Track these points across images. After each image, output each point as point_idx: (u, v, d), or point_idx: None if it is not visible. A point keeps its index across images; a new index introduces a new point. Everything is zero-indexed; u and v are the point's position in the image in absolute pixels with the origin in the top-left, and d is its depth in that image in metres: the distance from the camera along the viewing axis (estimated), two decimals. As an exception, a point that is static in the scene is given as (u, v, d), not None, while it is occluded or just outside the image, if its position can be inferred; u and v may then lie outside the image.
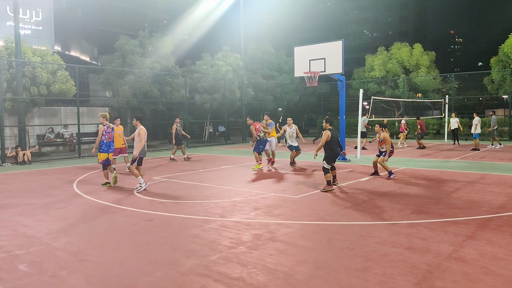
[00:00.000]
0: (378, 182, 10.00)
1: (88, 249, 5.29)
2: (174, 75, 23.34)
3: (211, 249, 5.23)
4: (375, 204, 7.66)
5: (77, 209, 7.66)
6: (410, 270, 4.46)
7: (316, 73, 13.87)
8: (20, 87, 15.84)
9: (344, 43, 13.76)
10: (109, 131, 10.00)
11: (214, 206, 7.75)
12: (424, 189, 9.08)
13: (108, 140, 9.92)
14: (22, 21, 23.40)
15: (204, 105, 25.04)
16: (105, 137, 9.85)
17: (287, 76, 30.66)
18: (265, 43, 31.84)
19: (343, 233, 5.86)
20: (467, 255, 4.87)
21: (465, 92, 31.53)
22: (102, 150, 9.86)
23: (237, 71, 26.62)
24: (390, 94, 28.28)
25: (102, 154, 9.89)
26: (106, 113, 10.21)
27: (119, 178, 10.91)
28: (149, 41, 23.36)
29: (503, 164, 13.12)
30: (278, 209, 7.41)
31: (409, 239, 5.52)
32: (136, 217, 6.92)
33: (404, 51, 28.86)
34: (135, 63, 21.64)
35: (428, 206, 7.43)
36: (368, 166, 12.88)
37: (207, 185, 10.05)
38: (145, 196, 8.66)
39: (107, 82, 22.11)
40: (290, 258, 4.88)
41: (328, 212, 7.17)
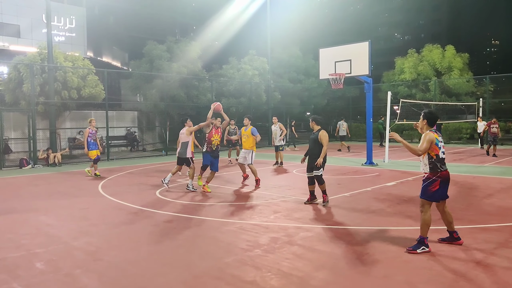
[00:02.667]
0: (405, 187, 9.65)
1: (105, 249, 5.32)
2: (201, 79, 23.57)
3: (227, 252, 5.15)
4: (400, 209, 7.36)
5: (100, 210, 7.77)
6: (435, 278, 4.22)
7: (341, 75, 13.61)
8: (51, 91, 16.41)
9: (371, 44, 13.44)
10: (93, 133, 12.19)
11: (233, 208, 7.68)
12: (453, 195, 8.65)
13: (94, 140, 12.19)
14: (57, 28, 24.36)
15: (230, 108, 25.13)
16: (90, 138, 12.07)
17: (314, 80, 30.32)
18: (292, 47, 31.67)
19: (365, 238, 5.64)
20: (497, 263, 4.57)
21: (502, 95, 30.20)
22: (91, 148, 12.10)
23: (263, 75, 26.59)
24: (421, 97, 27.45)
25: (93, 152, 12.09)
26: (92, 119, 12.63)
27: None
28: (177, 46, 23.71)
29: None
30: (298, 212, 7.26)
31: (434, 245, 5.24)
32: (156, 219, 6.94)
33: (435, 53, 27.97)
34: (162, 68, 22.01)
35: (456, 212, 7.05)
36: (396, 171, 12.49)
37: (229, 187, 10.01)
38: (167, 198, 8.69)
39: (136, 87, 22.60)
40: (306, 263, 4.73)
41: (350, 216, 6.95)
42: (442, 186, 5.07)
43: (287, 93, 29.14)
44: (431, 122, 5.19)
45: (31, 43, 23.54)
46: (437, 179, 5.04)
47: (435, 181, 5.04)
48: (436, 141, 5.05)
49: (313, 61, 31.05)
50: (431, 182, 5.06)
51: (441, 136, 5.21)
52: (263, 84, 26.17)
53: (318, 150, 7.61)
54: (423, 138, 5.09)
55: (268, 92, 26.44)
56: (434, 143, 5.04)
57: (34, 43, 21.81)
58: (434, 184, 5.04)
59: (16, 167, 15.02)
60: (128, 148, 22.53)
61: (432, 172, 5.06)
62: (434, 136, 5.07)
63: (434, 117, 5.22)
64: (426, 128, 5.22)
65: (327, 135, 7.68)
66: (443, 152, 5.10)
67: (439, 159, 5.05)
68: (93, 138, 12.17)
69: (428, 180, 5.08)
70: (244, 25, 35.92)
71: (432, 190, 5.05)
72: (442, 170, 5.05)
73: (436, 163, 5.04)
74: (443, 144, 5.18)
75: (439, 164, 5.05)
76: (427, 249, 5.01)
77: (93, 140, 12.16)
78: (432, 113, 5.26)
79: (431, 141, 5.03)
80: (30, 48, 20.92)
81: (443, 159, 5.11)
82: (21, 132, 17.59)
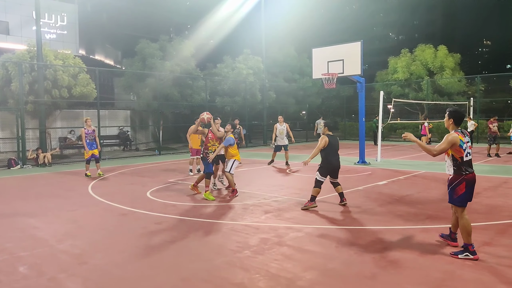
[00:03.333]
0: (397, 186, 9.64)
1: (91, 252, 5.24)
2: (195, 78, 23.46)
3: (216, 253, 5.10)
4: (391, 208, 7.35)
5: (88, 211, 7.67)
6: (422, 278, 4.22)
7: (334, 75, 13.59)
8: (41, 89, 16.21)
9: (363, 44, 13.43)
10: (89, 133, 11.98)
11: (225, 209, 7.62)
12: (443, 194, 8.68)
13: (90, 140, 12.00)
14: (47, 26, 24.07)
15: (224, 107, 25.06)
16: (87, 138, 11.94)
17: (309, 79, 30.29)
18: (287, 46, 31.65)
19: (354, 238, 5.61)
20: (482, 263, 4.59)
21: (492, 94, 30.42)
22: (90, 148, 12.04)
23: (258, 74, 26.53)
24: (414, 97, 27.55)
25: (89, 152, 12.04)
26: (87, 118, 12.25)
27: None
28: (170, 44, 23.57)
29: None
30: (290, 212, 7.22)
31: (423, 245, 5.25)
32: (146, 220, 6.86)
33: (428, 53, 28.09)
34: (155, 66, 21.87)
35: (445, 211, 7.06)
36: (388, 170, 12.50)
37: (221, 188, 9.94)
38: (158, 199, 8.61)
39: (128, 85, 22.43)
40: (295, 264, 4.69)
41: (341, 216, 6.94)
42: (468, 189, 4.76)
43: (282, 92, 29.12)
44: (457, 121, 4.82)
45: (20, 40, 23.29)
46: (462, 182, 4.74)
47: (461, 184, 4.74)
48: (461, 143, 4.70)
49: (308, 60, 31.01)
50: (457, 184, 4.77)
51: (468, 136, 4.85)
52: (258, 83, 26.12)
53: (322, 155, 7.63)
54: (445, 139, 4.75)
55: (263, 91, 26.40)
56: (458, 145, 4.70)
57: (23, 40, 21.59)
58: (460, 187, 4.75)
59: (5, 167, 14.82)
60: (121, 147, 22.38)
61: (456, 174, 4.79)
62: (459, 138, 4.70)
63: (461, 115, 4.85)
64: (452, 128, 4.86)
65: (322, 140, 7.53)
66: (469, 153, 4.78)
67: (463, 161, 4.74)
68: (89, 138, 12.02)
69: (453, 182, 4.81)
70: (239, 24, 35.85)
71: (459, 193, 4.77)
72: (468, 173, 4.75)
73: (461, 166, 4.75)
74: (469, 145, 4.81)
75: (464, 167, 4.74)
76: (471, 257, 4.66)
77: (89, 140, 12.02)
78: (458, 111, 4.88)
79: (453, 142, 4.69)
80: (19, 46, 20.70)
81: (469, 162, 4.79)
82: (9, 132, 17.36)
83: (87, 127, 12.03)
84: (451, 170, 4.83)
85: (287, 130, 14.60)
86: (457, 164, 4.77)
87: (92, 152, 12.08)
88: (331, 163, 7.65)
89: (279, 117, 15.08)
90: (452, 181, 4.82)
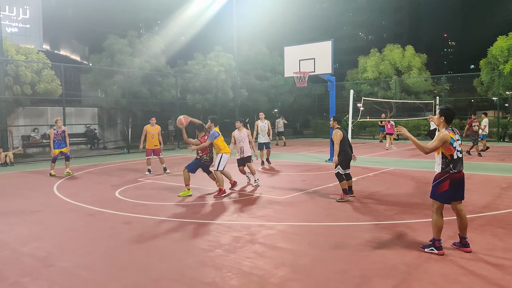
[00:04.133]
0: (366, 183, 9.83)
1: (57, 254, 5.06)
2: (165, 75, 23.09)
3: (187, 253, 5.03)
4: (361, 204, 7.49)
5: (54, 212, 7.40)
6: (389, 272, 4.32)
7: (305, 73, 13.70)
8: (1, 86, 15.46)
9: (333, 43, 13.61)
10: (58, 133, 12.06)
11: (196, 207, 7.54)
12: (411, 190, 8.95)
13: (59, 140, 12.05)
14: (8, 19, 23.01)
15: (196, 105, 24.81)
16: (56, 139, 11.98)
17: (281, 77, 30.45)
18: (259, 44, 31.66)
19: (325, 235, 5.68)
20: (446, 256, 4.74)
21: (457, 93, 31.57)
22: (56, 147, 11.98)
23: (229, 71, 26.41)
24: (383, 95, 28.23)
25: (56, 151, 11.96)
26: (58, 118, 12.36)
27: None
28: (139, 40, 23.06)
29: (490, 164, 13.05)
30: (262, 210, 7.22)
31: (391, 239, 5.39)
32: (114, 220, 6.70)
33: (396, 53, 28.85)
34: (124, 63, 21.35)
35: (413, 206, 7.27)
36: (358, 167, 12.72)
37: (193, 186, 9.80)
38: (128, 198, 8.42)
39: (96, 82, 21.78)
40: (267, 261, 4.70)
41: (312, 213, 7.00)
42: (452, 187, 4.76)
43: (254, 90, 29.11)
44: (448, 119, 4.83)
45: (-21, 34, 22.14)
46: (446, 180, 4.76)
47: (445, 181, 4.76)
48: (451, 141, 4.72)
49: (280, 58, 31.14)
50: (440, 182, 4.79)
51: (458, 134, 4.90)
52: (230, 81, 26.02)
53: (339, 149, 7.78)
54: (436, 136, 4.77)
55: (235, 88, 26.31)
56: (449, 142, 4.71)
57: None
58: (443, 185, 4.77)
59: (-36, 166, 14.13)
60: (88, 146, 21.77)
61: (442, 172, 4.80)
62: (450, 135, 4.72)
63: (452, 113, 4.84)
64: (443, 126, 4.85)
65: (338, 134, 7.75)
66: (459, 151, 4.79)
67: (453, 159, 4.74)
68: (57, 138, 12.00)
69: (437, 179, 4.83)
70: (210, 20, 35.53)
71: (441, 190, 4.79)
72: (455, 171, 4.75)
73: (449, 164, 4.75)
74: (460, 143, 4.82)
75: (452, 165, 4.74)
76: (436, 252, 4.76)
77: (57, 140, 12.00)
78: (450, 109, 4.88)
79: (445, 140, 4.70)
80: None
81: (458, 160, 4.78)
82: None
83: (57, 128, 11.97)
84: (439, 168, 4.85)
85: (269, 127, 14.31)
86: (445, 162, 4.78)
87: (60, 151, 11.97)
88: (348, 154, 7.93)
89: (260, 114, 14.83)
90: (437, 178, 4.86)
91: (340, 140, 7.72)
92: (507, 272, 4.25)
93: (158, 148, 12.02)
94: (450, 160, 4.75)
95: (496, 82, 23.76)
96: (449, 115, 4.85)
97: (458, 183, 4.81)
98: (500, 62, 23.14)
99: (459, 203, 4.91)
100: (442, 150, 4.76)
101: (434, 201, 4.90)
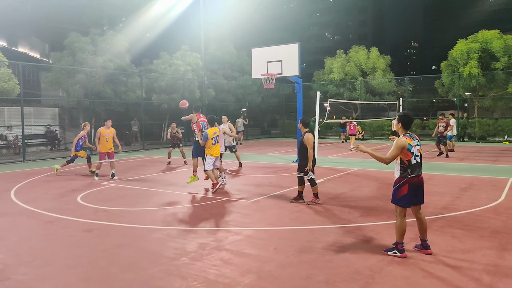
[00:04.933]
0: (332, 184, 9.99)
1: (14, 266, 4.83)
2: (130, 75, 22.55)
3: (152, 262, 4.92)
4: (326, 207, 7.60)
5: (10, 220, 7.06)
6: (353, 276, 4.39)
7: (273, 75, 13.76)
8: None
9: (300, 45, 13.73)
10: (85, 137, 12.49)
11: (162, 213, 7.40)
12: (374, 191, 9.17)
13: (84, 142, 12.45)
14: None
15: (161, 105, 24.41)
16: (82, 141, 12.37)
17: (249, 77, 30.43)
18: (227, 43, 31.53)
19: (291, 239, 5.72)
20: (408, 259, 4.87)
21: (419, 94, 32.73)
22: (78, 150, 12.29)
23: (196, 71, 26.14)
24: (348, 96, 28.84)
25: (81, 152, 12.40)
26: (86, 123, 12.60)
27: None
28: (102, 38, 22.39)
29: (450, 164, 13.57)
30: (229, 215, 7.19)
31: (355, 243, 5.49)
32: (75, 228, 6.46)
33: (361, 55, 29.55)
34: (86, 62, 20.65)
35: (376, 208, 7.46)
36: (324, 168, 12.91)
37: (158, 190, 9.65)
38: (90, 204, 8.16)
39: (56, 81, 20.96)
40: (233, 269, 4.67)
41: (279, 217, 7.03)
42: (411, 191, 4.88)
43: (222, 90, 28.98)
44: (406, 125, 4.97)
45: None
46: (404, 184, 4.88)
47: (403, 185, 4.88)
48: (409, 147, 4.83)
49: (247, 58, 31.17)
50: (399, 186, 4.91)
51: (417, 139, 5.02)
52: (197, 80, 25.77)
53: (304, 152, 7.69)
54: (394, 144, 4.86)
55: (202, 88, 26.07)
56: (406, 148, 4.83)
57: None
58: (402, 189, 4.89)
59: None
60: (48, 147, 20.95)
61: (401, 176, 4.92)
62: (407, 141, 4.83)
63: (409, 119, 4.99)
64: (401, 131, 5.00)
65: (310, 138, 7.64)
66: (418, 156, 4.89)
67: (410, 164, 4.86)
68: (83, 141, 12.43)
69: (397, 184, 4.95)
70: (177, 19, 35.01)
71: (401, 194, 4.90)
72: (413, 176, 4.88)
73: (407, 169, 4.87)
74: (419, 148, 4.93)
75: (410, 169, 4.86)
76: (399, 254, 4.89)
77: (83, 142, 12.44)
78: (407, 115, 5.03)
79: (402, 147, 4.81)
80: None
81: (416, 165, 4.89)
82: None
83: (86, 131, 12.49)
84: (398, 173, 4.96)
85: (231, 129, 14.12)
86: (403, 167, 4.90)
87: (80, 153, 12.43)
88: (315, 158, 7.89)
89: (223, 117, 14.50)
90: (396, 182, 4.97)
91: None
92: (465, 274, 4.43)
93: (112, 152, 11.78)
94: (408, 165, 4.87)
95: (456, 83, 24.80)
96: (407, 121, 4.98)
97: (417, 187, 4.94)
98: (460, 65, 24.18)
99: (418, 207, 5.05)
100: (400, 156, 4.88)
101: (395, 205, 5.03)
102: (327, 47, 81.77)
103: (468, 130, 24.61)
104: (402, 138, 4.91)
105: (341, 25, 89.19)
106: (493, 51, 23.37)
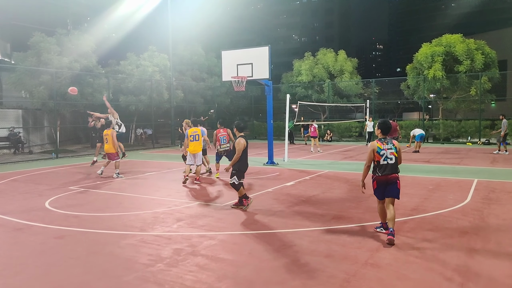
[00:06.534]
0: (303, 187, 10.18)
1: (-19, 277, 4.66)
2: (96, 75, 22.03)
3: (126, 269, 4.88)
4: (299, 210, 7.74)
5: (-26, 228, 6.79)
6: (328, 279, 4.49)
7: (243, 78, 13.84)
8: None
9: (270, 48, 13.88)
10: None
11: (133, 218, 7.31)
12: (345, 193, 9.39)
13: None
14: None
15: (129, 107, 23.99)
16: None
17: (217, 78, 30.45)
18: (195, 44, 31.34)
19: (265, 243, 5.80)
20: (382, 261, 5.01)
21: (385, 96, 33.72)
22: None
23: (164, 72, 25.86)
24: (317, 98, 29.34)
25: None
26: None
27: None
28: (68, 38, 21.75)
29: (416, 166, 14.07)
30: (202, 219, 7.19)
31: (329, 246, 5.60)
32: (45, 235, 6.30)
33: (329, 57, 30.15)
34: (51, 62, 20.00)
35: (348, 210, 7.66)
36: (295, 170, 13.13)
37: (128, 194, 9.52)
38: (59, 210, 7.96)
39: (20, 82, 20.20)
40: (210, 274, 4.70)
41: (252, 220, 7.10)
42: (379, 187, 5.82)
43: (190, 92, 28.78)
44: (384, 131, 5.84)
45: None
46: (374, 180, 5.86)
47: (373, 182, 5.87)
48: (378, 149, 5.74)
49: (216, 60, 31.15)
50: (372, 181, 5.89)
51: (392, 143, 5.76)
52: (165, 82, 25.49)
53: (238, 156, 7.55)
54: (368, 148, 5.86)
55: (170, 89, 25.83)
56: (376, 151, 5.75)
57: None
58: (373, 184, 5.87)
59: None
60: (11, 150, 20.15)
61: (372, 174, 5.88)
62: (377, 145, 5.77)
63: (386, 126, 5.86)
64: (380, 136, 5.88)
65: (241, 143, 7.53)
66: (387, 157, 5.71)
67: (379, 164, 5.75)
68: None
69: (371, 179, 5.91)
70: (144, 19, 34.49)
71: (373, 188, 5.90)
72: (379, 174, 5.76)
73: (376, 168, 5.81)
74: (392, 151, 5.72)
75: (378, 168, 5.77)
76: (384, 231, 5.95)
77: None
78: (385, 122, 5.91)
79: (372, 149, 5.78)
80: None
81: (384, 165, 5.73)
82: None
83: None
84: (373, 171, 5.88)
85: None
86: (374, 166, 5.85)
87: None
88: (246, 164, 7.86)
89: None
90: (371, 178, 5.92)
91: (243, 150, 7.56)
92: (437, 274, 4.61)
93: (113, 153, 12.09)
94: (377, 165, 5.80)
95: (421, 86, 25.77)
96: (384, 127, 5.87)
97: (384, 184, 5.80)
98: (425, 68, 25.16)
99: (390, 199, 5.83)
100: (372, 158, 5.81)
101: None
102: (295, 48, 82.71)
103: (433, 131, 25.58)
104: (374, 142, 5.88)
105: (308, 26, 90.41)
106: (456, 55, 24.47)
